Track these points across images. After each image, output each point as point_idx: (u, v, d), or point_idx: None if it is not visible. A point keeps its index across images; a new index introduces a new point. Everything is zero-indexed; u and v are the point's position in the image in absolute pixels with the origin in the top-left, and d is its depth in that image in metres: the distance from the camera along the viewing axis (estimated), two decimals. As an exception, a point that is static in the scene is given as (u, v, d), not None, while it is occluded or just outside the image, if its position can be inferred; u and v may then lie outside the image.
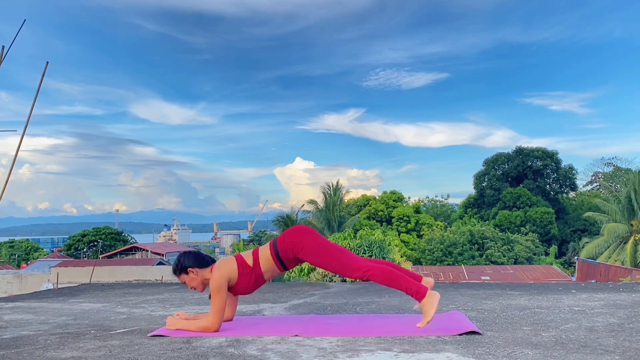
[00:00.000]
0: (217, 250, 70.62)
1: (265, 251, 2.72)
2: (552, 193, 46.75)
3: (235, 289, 2.73)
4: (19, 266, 40.07)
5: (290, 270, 2.93)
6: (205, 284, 2.76)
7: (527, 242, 37.86)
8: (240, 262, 2.71)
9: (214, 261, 2.79)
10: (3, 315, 3.52)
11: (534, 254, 37.62)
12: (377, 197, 46.14)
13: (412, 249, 38.24)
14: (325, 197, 30.44)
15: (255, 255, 2.72)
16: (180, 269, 2.74)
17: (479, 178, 47.68)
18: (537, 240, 38.98)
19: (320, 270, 10.39)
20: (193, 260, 2.74)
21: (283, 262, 2.70)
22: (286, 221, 29.45)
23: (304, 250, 2.64)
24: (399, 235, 39.54)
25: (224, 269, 2.66)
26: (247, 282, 2.71)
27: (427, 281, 2.76)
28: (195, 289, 2.77)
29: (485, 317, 2.98)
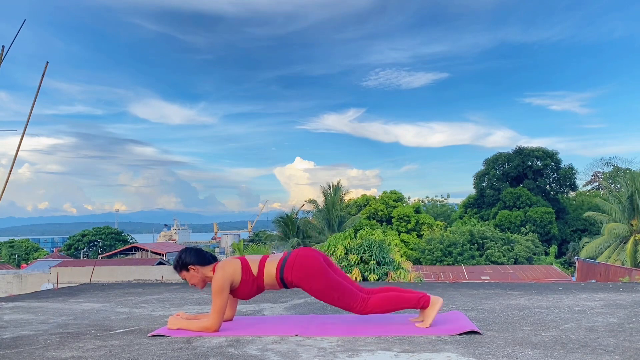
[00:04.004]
0: (217, 250, 70.58)
1: (271, 269, 2.67)
2: (552, 193, 46.70)
3: (235, 293, 2.71)
4: (19, 266, 40.07)
5: None
6: (205, 282, 2.76)
7: (527, 242, 37.82)
8: (245, 267, 2.68)
9: (215, 259, 2.78)
10: (3, 315, 3.52)
11: (534, 254, 37.59)
12: (377, 197, 46.09)
13: (412, 249, 38.19)
14: (326, 197, 30.42)
15: (262, 266, 2.69)
16: (181, 265, 2.74)
17: (479, 178, 47.63)
18: (537, 240, 38.94)
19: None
20: (194, 257, 2.73)
21: (286, 285, 2.69)
22: (286, 221, 29.46)
23: (310, 290, 2.64)
24: (399, 235, 39.47)
25: (229, 270, 2.65)
26: (248, 289, 2.69)
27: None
28: (195, 285, 2.77)
29: (485, 317, 2.98)
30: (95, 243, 51.22)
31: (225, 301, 2.62)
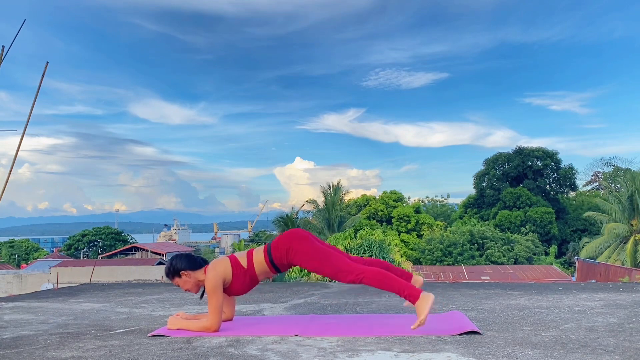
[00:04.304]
0: (217, 250, 70.56)
1: (259, 255, 2.71)
2: (552, 193, 46.71)
3: (229, 290, 2.73)
4: (19, 266, 40.09)
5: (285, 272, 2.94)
6: (199, 286, 2.77)
7: (527, 242, 37.83)
8: (234, 262, 2.71)
9: (206, 262, 2.79)
10: (3, 315, 3.52)
11: (534, 254, 37.60)
12: (377, 197, 46.09)
13: (412, 249, 38.20)
14: (326, 197, 30.42)
15: (250, 257, 2.72)
16: (173, 272, 2.75)
17: (479, 178, 47.65)
18: (537, 240, 38.95)
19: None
20: (185, 263, 2.74)
21: (277, 267, 2.70)
22: (286, 221, 29.45)
23: (297, 257, 2.64)
24: (399, 235, 39.48)
25: (219, 269, 2.67)
26: (241, 283, 2.71)
27: (416, 280, 2.77)
28: (189, 291, 2.77)
29: (485, 317, 2.98)
30: (95, 243, 51.20)
31: (221, 300, 2.63)
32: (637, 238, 25.79)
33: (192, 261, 2.75)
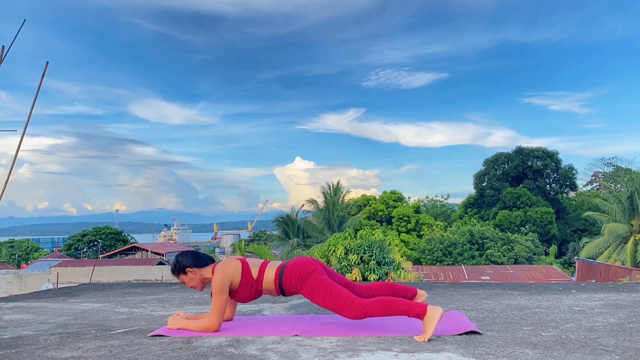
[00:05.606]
0: (217, 250, 70.59)
1: (270, 274, 2.68)
2: (552, 193, 46.69)
3: (233, 295, 2.71)
4: (19, 266, 40.06)
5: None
6: (204, 284, 2.76)
7: (527, 242, 37.81)
8: (246, 269, 2.68)
9: (212, 260, 2.78)
10: (3, 315, 3.52)
11: (534, 254, 37.57)
12: (377, 197, 46.08)
13: (412, 249, 38.17)
14: (326, 197, 30.42)
15: (262, 270, 2.69)
16: (178, 268, 2.74)
17: (479, 178, 47.63)
18: (537, 240, 38.93)
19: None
20: (191, 260, 2.73)
21: (283, 291, 2.69)
22: (286, 221, 29.45)
23: (307, 292, 2.63)
24: (399, 235, 39.46)
25: (229, 270, 2.65)
26: (247, 292, 2.69)
27: (420, 294, 2.77)
28: (194, 288, 2.77)
29: (485, 317, 2.98)
30: (95, 243, 51.13)
31: (225, 301, 2.62)
32: (637, 238, 25.79)
33: (198, 258, 2.75)
